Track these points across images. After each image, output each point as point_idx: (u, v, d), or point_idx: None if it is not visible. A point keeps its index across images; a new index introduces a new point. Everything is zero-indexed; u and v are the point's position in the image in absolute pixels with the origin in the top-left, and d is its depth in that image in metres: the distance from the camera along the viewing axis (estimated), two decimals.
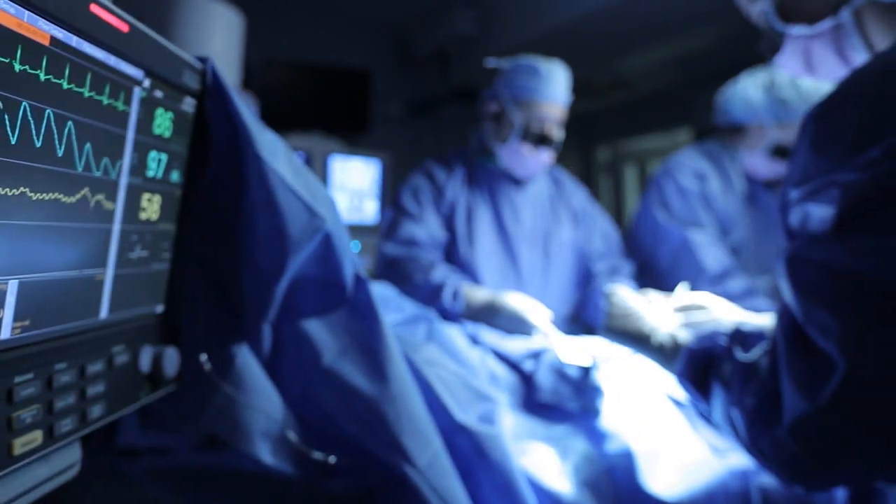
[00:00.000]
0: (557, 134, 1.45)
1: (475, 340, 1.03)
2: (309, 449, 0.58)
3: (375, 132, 3.32)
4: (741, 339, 0.67)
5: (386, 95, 3.50)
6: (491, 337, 1.06)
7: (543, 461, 0.75)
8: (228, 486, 0.61)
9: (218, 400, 0.55)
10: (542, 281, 1.53)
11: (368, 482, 0.60)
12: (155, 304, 0.51)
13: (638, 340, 0.82)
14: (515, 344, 1.02)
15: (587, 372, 0.89)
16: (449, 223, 1.49)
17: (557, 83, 1.42)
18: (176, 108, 0.48)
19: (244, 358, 0.57)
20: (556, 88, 1.42)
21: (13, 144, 0.32)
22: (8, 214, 0.32)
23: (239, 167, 0.54)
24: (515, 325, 1.17)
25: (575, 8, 2.53)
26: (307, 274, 0.61)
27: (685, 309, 0.92)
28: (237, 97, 0.53)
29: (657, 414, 0.83)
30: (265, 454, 0.56)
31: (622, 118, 3.99)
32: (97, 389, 0.42)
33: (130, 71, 0.41)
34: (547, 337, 1.11)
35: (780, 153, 1.50)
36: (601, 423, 0.82)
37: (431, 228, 1.47)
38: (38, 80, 0.33)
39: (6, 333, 0.34)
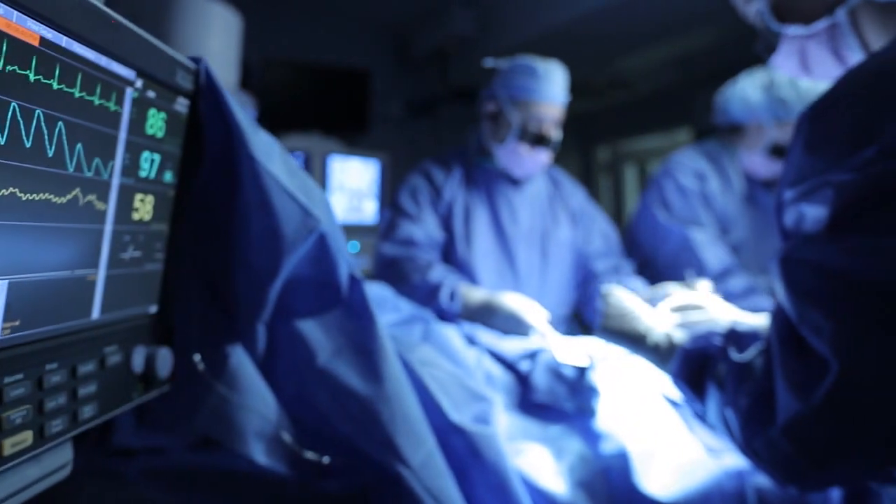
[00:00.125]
0: (555, 134, 1.45)
1: (472, 341, 1.03)
2: (302, 449, 0.58)
3: (375, 132, 3.32)
4: (736, 339, 0.67)
5: (385, 95, 3.50)
6: (487, 337, 1.06)
7: (538, 461, 0.75)
8: (223, 486, 0.62)
9: (212, 400, 0.55)
10: (539, 281, 1.53)
11: (363, 482, 0.60)
12: (148, 304, 0.51)
13: (634, 340, 0.82)
14: (512, 344, 1.02)
15: (583, 372, 0.89)
16: (446, 223, 1.50)
17: (555, 83, 1.42)
18: (169, 108, 0.48)
19: (238, 358, 0.57)
20: (553, 88, 1.42)
21: (2, 145, 0.32)
22: None
23: (233, 167, 0.54)
24: (512, 325, 1.17)
25: (575, 8, 2.53)
26: (302, 274, 0.61)
27: (682, 308, 0.92)
28: (230, 97, 0.53)
29: (653, 414, 0.82)
30: (259, 454, 0.56)
31: (622, 118, 3.99)
32: (89, 390, 0.42)
33: (122, 71, 0.41)
34: (544, 337, 1.11)
35: (778, 152, 1.50)
36: (597, 423, 0.82)
37: (429, 229, 1.47)
38: (27, 80, 0.33)
39: None
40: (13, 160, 0.33)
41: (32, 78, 0.34)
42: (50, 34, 0.34)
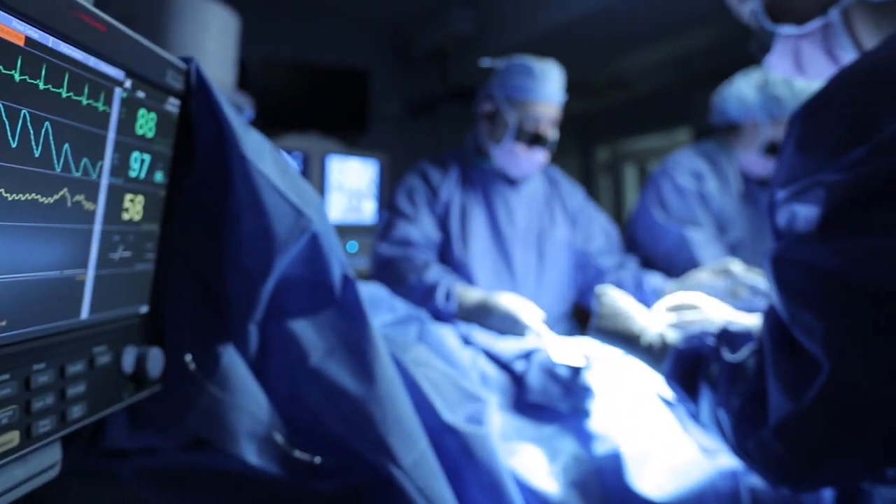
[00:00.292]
0: (552, 133, 1.45)
1: (467, 341, 1.03)
2: (294, 449, 0.58)
3: (373, 132, 3.32)
4: (728, 339, 0.67)
5: (384, 95, 3.50)
6: (483, 337, 1.06)
7: (532, 462, 0.75)
8: (215, 486, 0.61)
9: (203, 400, 0.55)
10: (535, 281, 1.53)
11: (355, 482, 0.60)
12: (139, 304, 0.51)
13: (627, 341, 0.82)
14: (507, 344, 1.02)
15: (577, 372, 0.89)
16: (443, 223, 1.49)
17: (551, 83, 1.42)
18: (159, 108, 0.48)
19: (230, 358, 0.57)
20: (549, 88, 1.42)
21: None
22: None
23: (224, 167, 0.54)
24: (508, 325, 1.17)
25: (574, 8, 2.53)
26: (294, 274, 0.61)
27: (677, 308, 0.91)
28: (222, 97, 0.53)
29: (647, 414, 0.82)
30: (251, 455, 0.56)
31: (622, 118, 3.99)
32: (77, 390, 0.42)
33: (110, 71, 0.41)
34: (539, 337, 1.11)
35: (774, 151, 1.50)
36: (591, 423, 0.82)
37: (426, 229, 1.47)
38: (12, 80, 0.33)
39: None
40: None
41: (18, 78, 0.34)
42: (36, 34, 0.34)
